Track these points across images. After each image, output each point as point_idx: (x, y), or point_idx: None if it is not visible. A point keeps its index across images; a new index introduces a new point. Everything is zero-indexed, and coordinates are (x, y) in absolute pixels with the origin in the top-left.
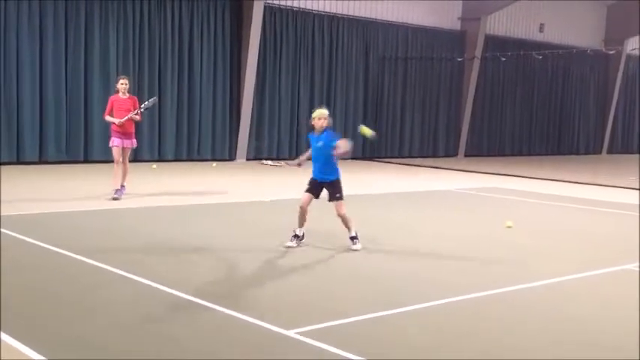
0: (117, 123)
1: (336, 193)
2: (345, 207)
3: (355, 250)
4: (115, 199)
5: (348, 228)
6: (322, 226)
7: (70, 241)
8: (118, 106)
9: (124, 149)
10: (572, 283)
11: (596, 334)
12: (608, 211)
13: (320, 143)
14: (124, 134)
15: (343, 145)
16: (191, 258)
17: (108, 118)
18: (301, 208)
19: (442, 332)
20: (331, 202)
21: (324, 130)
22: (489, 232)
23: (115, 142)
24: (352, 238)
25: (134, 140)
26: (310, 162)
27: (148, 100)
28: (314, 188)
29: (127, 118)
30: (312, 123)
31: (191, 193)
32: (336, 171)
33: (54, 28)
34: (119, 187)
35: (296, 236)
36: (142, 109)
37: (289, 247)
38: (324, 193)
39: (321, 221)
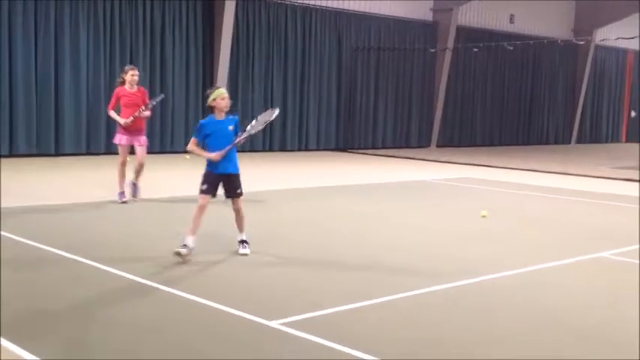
0: (122, 124)
1: (237, 188)
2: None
3: (244, 254)
4: (124, 202)
5: (241, 228)
6: (295, 214)
7: (47, 236)
8: (126, 101)
9: (137, 147)
10: (546, 271)
11: (571, 320)
12: (581, 199)
13: (231, 127)
14: (133, 130)
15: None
16: (162, 249)
17: (113, 115)
18: (200, 210)
19: (420, 322)
20: (230, 199)
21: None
22: (464, 222)
23: (122, 140)
24: (242, 242)
25: (144, 137)
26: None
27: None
28: (213, 186)
29: (131, 119)
30: (214, 104)
31: (165, 186)
32: (236, 162)
33: (23, 24)
34: (132, 185)
35: (185, 246)
36: (152, 105)
37: (180, 253)
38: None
39: (295, 210)
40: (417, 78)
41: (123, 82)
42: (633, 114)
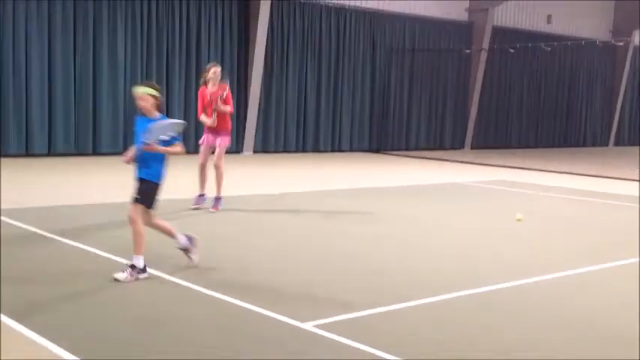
0: (209, 124)
1: (137, 194)
2: (154, 218)
3: (117, 279)
4: (196, 208)
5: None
6: (326, 216)
7: (82, 234)
8: (207, 101)
9: (216, 148)
10: (582, 276)
11: (608, 326)
12: (617, 203)
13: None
14: (216, 130)
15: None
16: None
17: (202, 118)
18: (135, 224)
19: (454, 325)
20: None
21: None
22: (499, 225)
23: (202, 141)
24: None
25: (228, 138)
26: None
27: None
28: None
29: (213, 119)
30: (143, 104)
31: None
32: (151, 168)
33: (62, 23)
34: (202, 194)
35: (134, 267)
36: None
37: (117, 279)
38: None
39: (326, 212)
40: (452, 79)
41: (205, 82)
42: None
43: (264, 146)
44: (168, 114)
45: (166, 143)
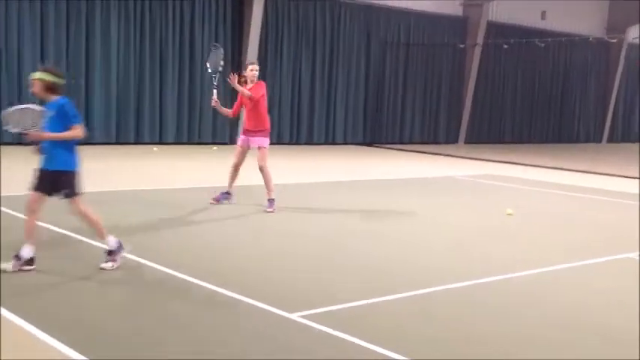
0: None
1: (65, 190)
2: (84, 206)
3: (105, 269)
4: (213, 202)
5: (98, 234)
6: (318, 209)
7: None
8: (244, 100)
9: (258, 149)
10: (571, 271)
11: (594, 320)
12: (609, 199)
13: (49, 114)
14: (253, 132)
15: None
16: (190, 243)
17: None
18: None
19: (439, 317)
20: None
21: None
22: (489, 220)
23: (238, 141)
24: (110, 253)
25: (267, 139)
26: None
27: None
28: (38, 180)
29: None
30: (33, 89)
31: (187, 176)
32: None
33: (55, 21)
34: (228, 192)
35: (18, 258)
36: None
37: (6, 270)
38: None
39: (319, 204)
40: (446, 73)
41: (245, 82)
42: None
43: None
44: (161, 107)
45: (61, 126)
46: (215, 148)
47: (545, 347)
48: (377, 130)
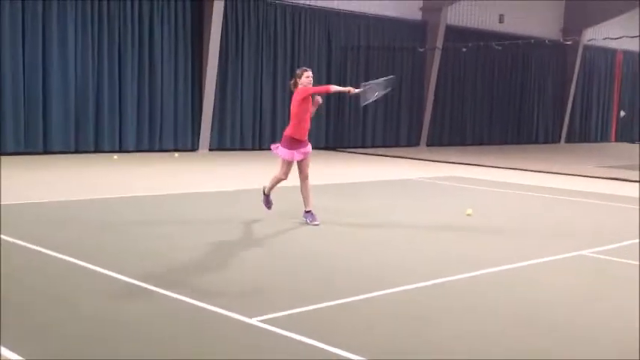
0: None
1: None
2: None
3: None
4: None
5: None
6: (278, 212)
7: (27, 233)
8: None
9: (300, 162)
10: (527, 269)
11: (549, 317)
12: (566, 198)
13: None
14: (302, 141)
15: None
16: (149, 247)
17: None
18: None
19: (400, 319)
20: None
21: None
22: (449, 220)
23: (288, 155)
24: None
25: (307, 147)
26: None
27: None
28: None
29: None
30: None
31: (148, 184)
32: None
33: (10, 23)
34: (307, 214)
35: None
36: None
37: None
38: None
39: (278, 207)
40: (407, 77)
41: (297, 87)
42: (622, 114)
43: (220, 144)
44: (120, 112)
45: None
46: (177, 155)
47: (501, 343)
48: (339, 135)
